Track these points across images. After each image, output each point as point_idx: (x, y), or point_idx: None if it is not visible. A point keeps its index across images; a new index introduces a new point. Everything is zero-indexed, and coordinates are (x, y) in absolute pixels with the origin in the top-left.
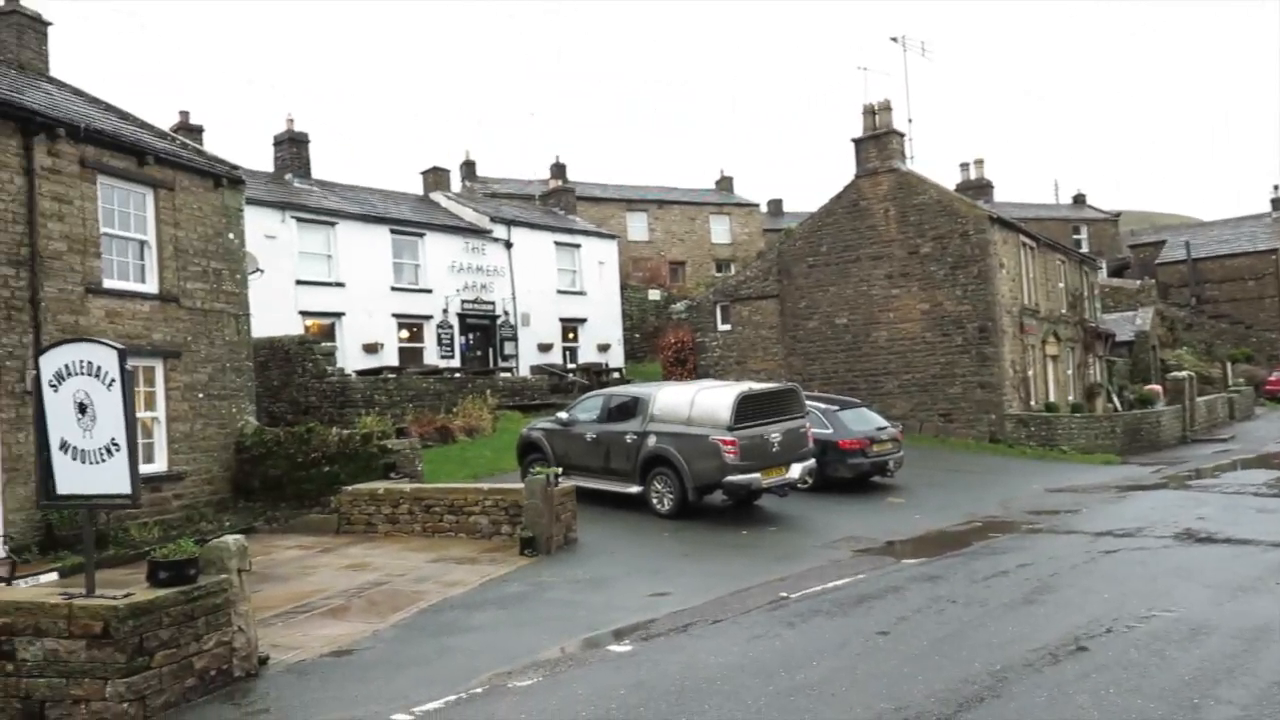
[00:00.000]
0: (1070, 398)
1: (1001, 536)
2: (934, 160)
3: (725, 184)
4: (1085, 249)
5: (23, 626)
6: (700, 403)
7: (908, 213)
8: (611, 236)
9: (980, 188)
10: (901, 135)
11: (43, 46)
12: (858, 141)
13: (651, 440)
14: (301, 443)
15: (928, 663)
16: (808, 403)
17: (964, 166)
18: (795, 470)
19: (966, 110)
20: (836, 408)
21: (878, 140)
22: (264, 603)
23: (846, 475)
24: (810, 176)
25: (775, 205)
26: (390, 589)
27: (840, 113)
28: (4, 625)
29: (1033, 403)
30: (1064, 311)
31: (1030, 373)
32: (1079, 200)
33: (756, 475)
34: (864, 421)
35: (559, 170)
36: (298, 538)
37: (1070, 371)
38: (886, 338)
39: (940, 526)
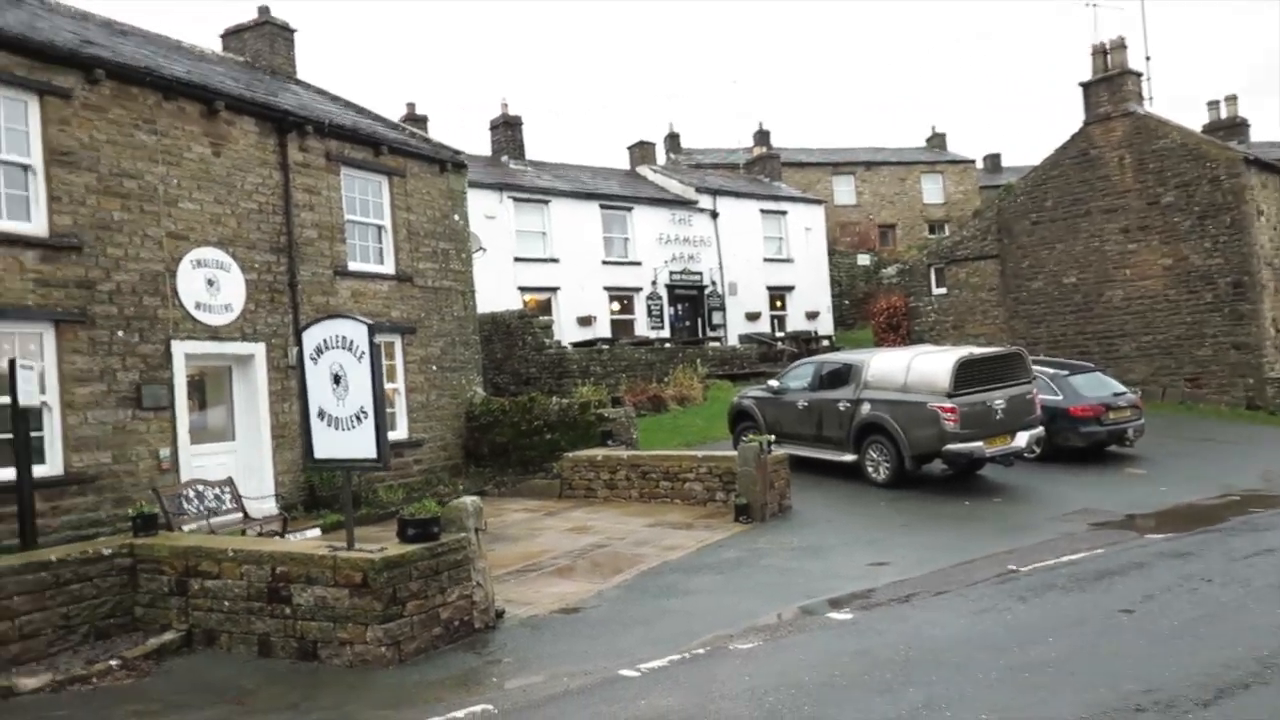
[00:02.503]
0: None
1: (1264, 512)
2: (1177, 100)
3: (937, 141)
4: None
5: (297, 575)
6: (917, 368)
7: (1146, 160)
8: (818, 201)
9: (1232, 127)
10: (1138, 75)
11: (290, 52)
12: (1086, 85)
13: (865, 408)
14: (524, 412)
15: (1180, 644)
16: (1035, 368)
17: (1212, 105)
18: (1021, 439)
19: (1215, 42)
20: (1067, 372)
21: (1109, 82)
22: (497, 561)
23: (1079, 444)
24: (1031, 128)
25: (992, 161)
26: (611, 551)
27: (1066, 56)
28: (283, 574)
29: None
30: None
31: None
32: None
33: (979, 444)
34: (1098, 387)
35: (762, 137)
36: (523, 501)
37: None
38: (1122, 297)
39: (1189, 500)
